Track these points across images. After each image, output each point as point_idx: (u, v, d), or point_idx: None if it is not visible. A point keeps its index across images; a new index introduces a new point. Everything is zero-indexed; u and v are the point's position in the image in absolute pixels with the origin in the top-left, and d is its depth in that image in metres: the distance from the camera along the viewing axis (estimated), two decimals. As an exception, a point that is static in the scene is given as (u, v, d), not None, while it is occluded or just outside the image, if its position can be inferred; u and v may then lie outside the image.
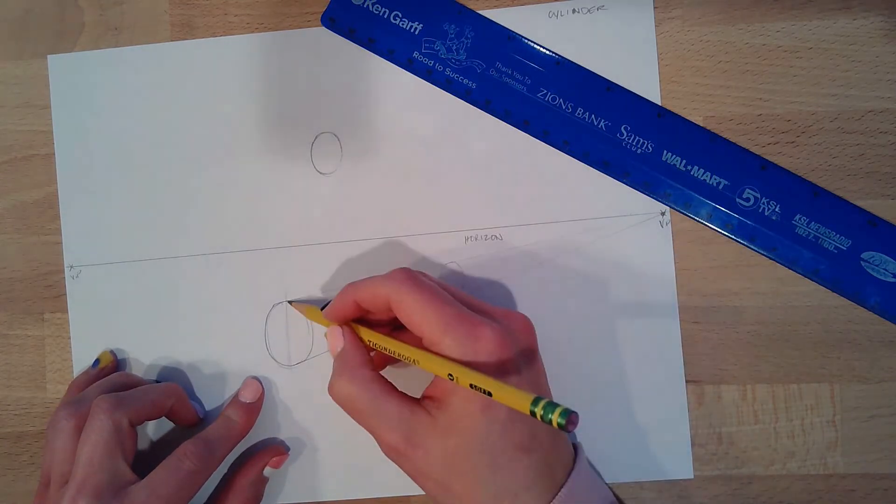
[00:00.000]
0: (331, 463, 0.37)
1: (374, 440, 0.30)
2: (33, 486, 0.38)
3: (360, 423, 0.31)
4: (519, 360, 0.29)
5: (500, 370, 0.28)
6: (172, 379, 0.37)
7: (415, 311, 0.29)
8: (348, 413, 0.31)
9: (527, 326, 0.31)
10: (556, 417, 0.23)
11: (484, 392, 0.26)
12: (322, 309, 0.34)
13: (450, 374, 0.27)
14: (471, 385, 0.26)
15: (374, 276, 0.31)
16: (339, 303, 0.32)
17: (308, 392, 0.37)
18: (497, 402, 0.27)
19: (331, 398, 0.31)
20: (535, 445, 0.29)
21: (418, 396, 0.31)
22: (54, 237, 0.39)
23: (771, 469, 0.35)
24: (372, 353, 0.33)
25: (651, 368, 0.35)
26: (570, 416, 0.23)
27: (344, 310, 0.32)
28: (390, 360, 0.35)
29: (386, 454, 0.30)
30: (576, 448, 0.32)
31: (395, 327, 0.34)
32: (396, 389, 0.30)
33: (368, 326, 0.33)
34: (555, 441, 0.30)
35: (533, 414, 0.24)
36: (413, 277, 0.30)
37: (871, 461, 0.35)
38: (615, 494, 0.34)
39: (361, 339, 0.32)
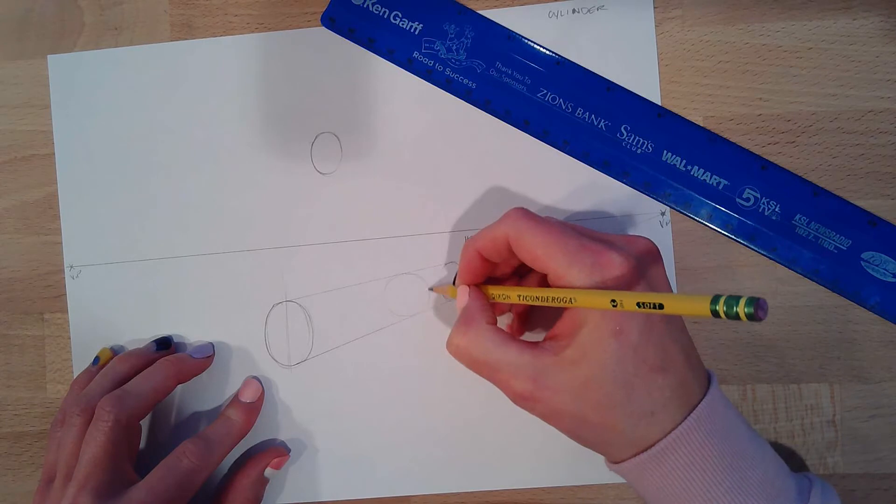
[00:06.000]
0: (331, 463, 0.37)
1: (499, 391, 0.30)
2: (33, 485, 0.38)
3: (482, 376, 0.30)
4: (646, 283, 0.29)
5: None
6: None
7: (536, 245, 0.29)
8: (468, 367, 0.30)
9: (651, 249, 0.30)
10: (742, 309, 0.22)
11: (654, 307, 0.25)
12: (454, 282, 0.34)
13: (612, 301, 0.26)
14: (638, 304, 0.25)
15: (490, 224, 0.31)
16: (464, 261, 0.32)
17: (308, 392, 0.37)
18: (628, 326, 0.27)
19: (449, 354, 0.31)
20: (668, 366, 0.28)
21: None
22: (54, 237, 0.39)
23: (771, 469, 0.35)
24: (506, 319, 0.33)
25: (651, 368, 0.35)
26: (758, 302, 0.22)
27: (470, 266, 0.32)
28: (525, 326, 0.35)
29: (515, 402, 0.30)
30: (709, 375, 0.31)
31: (538, 281, 0.33)
32: (515, 337, 0.30)
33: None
34: (688, 361, 0.29)
35: (715, 313, 0.22)
36: (528, 213, 0.30)
37: (871, 461, 0.35)
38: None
39: (484, 296, 0.32)
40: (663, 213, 0.36)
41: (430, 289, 0.37)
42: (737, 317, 0.22)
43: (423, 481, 0.36)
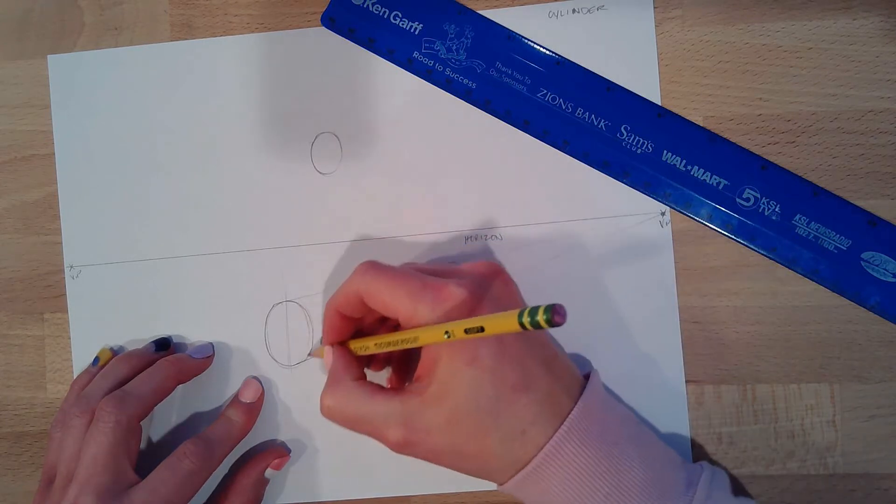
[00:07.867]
0: (331, 463, 0.37)
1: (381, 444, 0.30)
2: (33, 486, 0.38)
3: (359, 432, 0.31)
4: (492, 301, 0.30)
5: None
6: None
7: (383, 293, 0.29)
8: (343, 426, 0.31)
9: (492, 269, 0.31)
10: (541, 318, 0.23)
11: (478, 330, 0.25)
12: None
13: (446, 333, 0.27)
14: (465, 331, 0.26)
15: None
16: (326, 322, 0.33)
17: (308, 392, 0.37)
18: (481, 352, 0.28)
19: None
20: (530, 382, 0.29)
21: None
22: (54, 237, 0.39)
23: (771, 469, 0.35)
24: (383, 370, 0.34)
25: (651, 368, 0.35)
26: (554, 308, 0.22)
27: (332, 326, 0.32)
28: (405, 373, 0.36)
29: (395, 451, 0.30)
30: (588, 377, 0.32)
31: (394, 328, 0.34)
32: (382, 388, 0.31)
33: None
34: (552, 374, 0.30)
35: (523, 326, 0.23)
36: (375, 265, 0.31)
37: (871, 461, 0.35)
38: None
39: (350, 352, 0.33)
40: (663, 213, 0.36)
41: (309, 354, 0.37)
42: (539, 326, 0.23)
43: (423, 481, 0.36)
